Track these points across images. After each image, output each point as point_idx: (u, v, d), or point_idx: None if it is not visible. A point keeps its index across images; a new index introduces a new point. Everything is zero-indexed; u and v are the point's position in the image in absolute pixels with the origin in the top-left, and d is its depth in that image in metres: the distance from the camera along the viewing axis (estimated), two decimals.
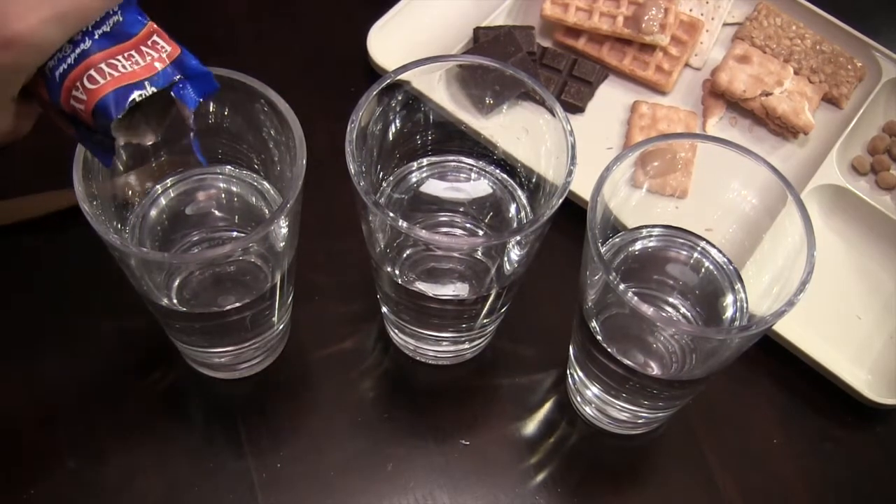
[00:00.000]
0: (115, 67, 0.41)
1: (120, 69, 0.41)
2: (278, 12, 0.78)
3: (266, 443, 0.58)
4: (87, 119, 0.41)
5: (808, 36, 0.76)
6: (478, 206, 0.57)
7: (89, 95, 0.41)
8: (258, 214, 0.55)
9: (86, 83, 0.41)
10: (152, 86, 0.42)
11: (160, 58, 0.42)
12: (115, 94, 0.41)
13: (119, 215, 0.51)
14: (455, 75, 0.53)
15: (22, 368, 0.60)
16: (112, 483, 0.56)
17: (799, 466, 0.60)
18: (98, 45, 0.41)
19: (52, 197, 0.64)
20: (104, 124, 0.41)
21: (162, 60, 0.42)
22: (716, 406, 0.62)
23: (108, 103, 0.41)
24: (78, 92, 0.41)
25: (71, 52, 0.41)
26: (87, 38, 0.41)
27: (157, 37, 0.43)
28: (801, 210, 0.48)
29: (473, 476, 0.59)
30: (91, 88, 0.41)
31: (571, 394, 0.61)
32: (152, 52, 0.42)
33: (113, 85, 0.41)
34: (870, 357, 0.64)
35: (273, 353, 0.61)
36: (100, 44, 0.41)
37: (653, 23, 0.73)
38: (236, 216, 0.56)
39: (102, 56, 0.41)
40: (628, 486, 0.60)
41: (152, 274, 0.51)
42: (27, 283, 0.63)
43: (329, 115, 0.60)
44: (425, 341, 0.60)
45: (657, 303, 0.55)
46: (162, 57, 0.42)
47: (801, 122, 0.71)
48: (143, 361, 0.61)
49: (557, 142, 0.50)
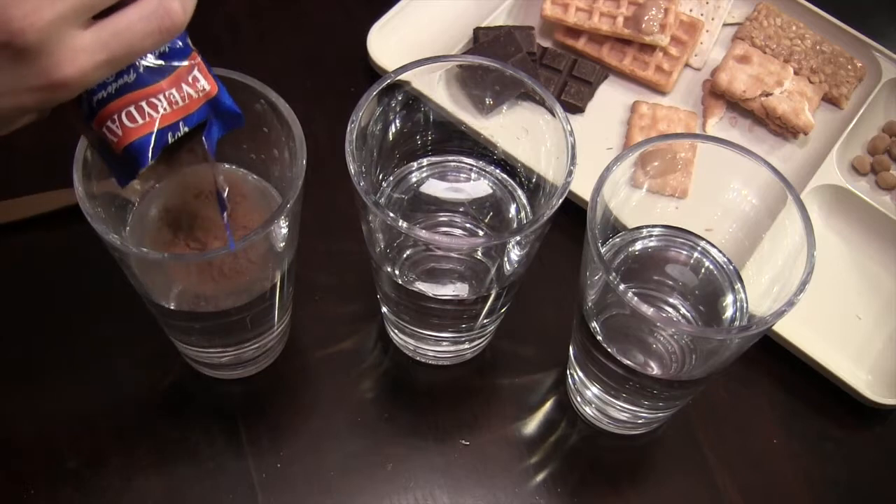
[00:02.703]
0: (154, 108, 0.40)
1: (160, 109, 0.40)
2: (278, 12, 0.78)
3: (266, 443, 0.59)
4: (116, 150, 0.40)
5: (808, 36, 0.76)
6: (478, 206, 0.57)
7: (125, 132, 0.40)
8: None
9: (124, 119, 0.40)
10: (186, 125, 0.41)
11: (198, 98, 0.41)
12: (151, 137, 0.40)
13: (119, 215, 0.51)
14: (455, 75, 0.53)
15: (21, 368, 0.60)
16: (112, 483, 0.57)
17: (799, 466, 0.60)
18: (141, 80, 0.40)
19: (52, 197, 0.64)
20: (134, 165, 0.40)
21: (199, 100, 0.41)
22: (716, 406, 0.62)
23: (143, 147, 0.40)
24: (114, 125, 0.40)
25: (112, 81, 0.39)
26: (132, 70, 0.40)
27: (198, 71, 0.41)
28: (801, 210, 0.48)
29: (473, 476, 0.59)
30: (129, 127, 0.40)
31: (571, 394, 0.61)
32: (191, 91, 0.41)
33: (150, 127, 0.40)
34: (870, 357, 0.64)
35: (273, 353, 0.61)
36: (143, 79, 0.40)
37: (653, 23, 0.73)
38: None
39: (144, 94, 0.40)
40: (628, 486, 0.60)
41: (152, 274, 0.51)
42: (27, 283, 0.63)
43: (329, 115, 0.60)
44: (425, 341, 0.60)
45: (657, 303, 0.55)
46: (199, 97, 0.41)
47: (801, 122, 0.71)
48: (143, 361, 0.61)
49: (557, 142, 0.50)
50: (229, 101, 0.43)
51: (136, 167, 0.41)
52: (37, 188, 0.64)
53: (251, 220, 0.52)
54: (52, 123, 0.44)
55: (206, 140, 0.42)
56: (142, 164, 0.40)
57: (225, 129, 0.43)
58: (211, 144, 0.43)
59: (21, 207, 0.64)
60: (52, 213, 0.64)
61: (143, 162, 0.40)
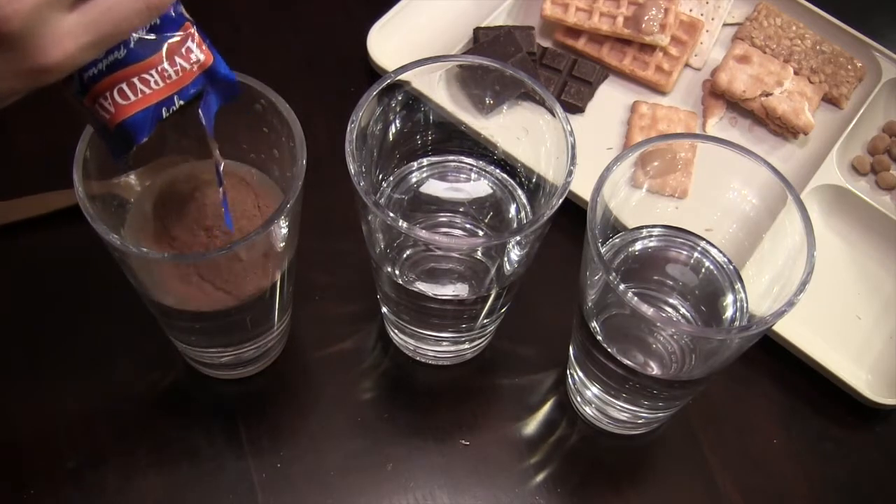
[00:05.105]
0: (147, 83, 0.39)
1: (152, 85, 0.39)
2: (279, 12, 0.78)
3: (266, 443, 0.59)
4: (109, 126, 0.40)
5: (808, 36, 0.76)
6: (478, 206, 0.57)
7: (117, 110, 0.39)
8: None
9: (115, 97, 0.39)
10: (181, 99, 0.40)
11: (192, 70, 0.40)
12: (145, 113, 0.39)
13: (119, 215, 0.51)
14: (455, 75, 0.53)
15: (22, 368, 0.60)
16: (112, 483, 0.57)
17: (799, 466, 0.60)
18: (133, 55, 0.39)
19: (52, 197, 0.64)
20: (129, 142, 0.40)
21: (193, 72, 0.40)
22: (716, 406, 0.62)
23: (136, 124, 0.39)
24: (106, 102, 0.39)
25: (103, 58, 0.39)
26: (123, 46, 0.39)
27: (192, 42, 0.40)
28: (801, 210, 0.48)
29: (473, 476, 0.59)
30: (121, 104, 0.39)
31: (571, 394, 0.61)
32: (185, 64, 0.40)
33: (143, 104, 0.39)
34: (870, 357, 0.64)
35: (273, 353, 0.61)
36: (135, 54, 0.39)
37: (653, 23, 0.73)
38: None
39: (135, 70, 0.39)
40: (628, 486, 0.60)
41: (152, 274, 0.51)
42: (27, 283, 0.63)
43: (329, 115, 0.60)
44: (425, 341, 0.60)
45: (657, 303, 0.55)
46: (194, 69, 0.40)
47: (801, 122, 0.71)
48: (143, 361, 0.61)
49: (557, 142, 0.50)
50: (225, 68, 0.42)
51: (131, 143, 0.40)
52: (37, 189, 0.64)
53: (250, 205, 0.51)
54: (52, 124, 0.44)
55: (202, 113, 0.42)
56: (136, 140, 0.40)
57: (222, 99, 0.42)
58: (208, 118, 0.42)
59: (21, 208, 0.64)
60: (53, 213, 0.64)
61: (138, 139, 0.40)
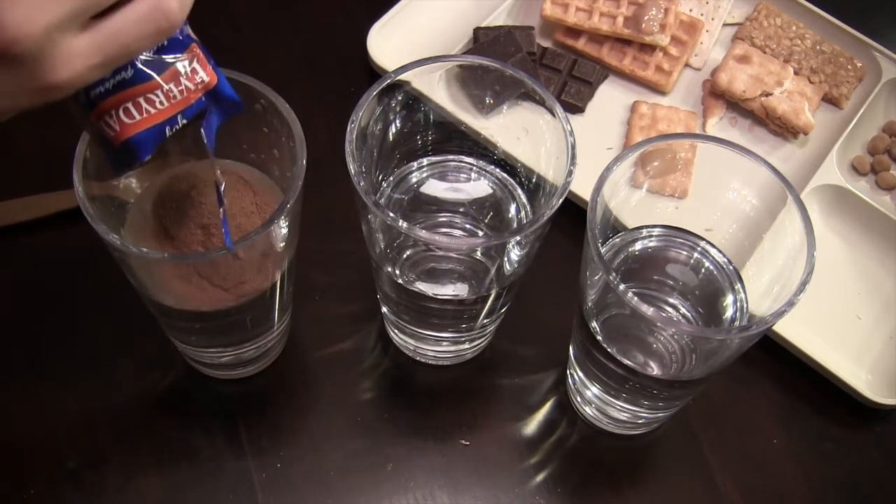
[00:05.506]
0: (152, 103, 0.40)
1: (157, 105, 0.40)
2: (278, 12, 0.78)
3: (266, 443, 0.59)
4: (114, 143, 0.40)
5: (808, 36, 0.76)
6: (478, 206, 0.57)
7: (122, 128, 0.40)
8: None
9: (121, 115, 0.39)
10: (184, 118, 0.41)
11: (196, 89, 0.41)
12: (149, 133, 0.40)
13: (119, 215, 0.51)
14: (455, 75, 0.53)
15: (22, 369, 0.60)
16: (112, 483, 0.57)
17: (799, 466, 0.60)
18: (139, 75, 0.39)
19: (52, 197, 0.64)
20: (132, 160, 0.40)
21: (197, 91, 0.41)
22: (716, 406, 0.62)
23: (140, 142, 0.40)
24: (111, 120, 0.40)
25: (110, 78, 0.39)
26: (130, 66, 0.39)
27: (197, 63, 0.41)
28: (801, 210, 0.48)
29: (473, 476, 0.59)
30: (126, 122, 0.39)
31: (571, 394, 0.61)
32: (190, 84, 0.41)
33: (148, 123, 0.40)
34: (870, 357, 0.64)
35: (273, 353, 0.61)
36: (141, 75, 0.39)
37: (653, 23, 0.73)
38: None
39: (141, 90, 0.39)
40: (628, 486, 0.60)
41: (152, 274, 0.51)
42: (27, 283, 0.63)
43: (329, 115, 0.60)
44: (425, 341, 0.60)
45: (657, 303, 0.55)
46: (198, 88, 0.41)
47: (801, 122, 0.71)
48: (143, 361, 0.61)
49: (557, 142, 0.50)
50: (229, 89, 0.42)
51: (134, 160, 0.41)
52: (37, 189, 0.64)
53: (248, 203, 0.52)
54: (52, 124, 0.44)
55: (204, 131, 0.42)
56: (140, 158, 0.40)
57: (224, 116, 0.43)
58: (210, 135, 0.42)
59: (21, 209, 0.64)
60: (53, 213, 0.64)
61: (141, 157, 0.40)
